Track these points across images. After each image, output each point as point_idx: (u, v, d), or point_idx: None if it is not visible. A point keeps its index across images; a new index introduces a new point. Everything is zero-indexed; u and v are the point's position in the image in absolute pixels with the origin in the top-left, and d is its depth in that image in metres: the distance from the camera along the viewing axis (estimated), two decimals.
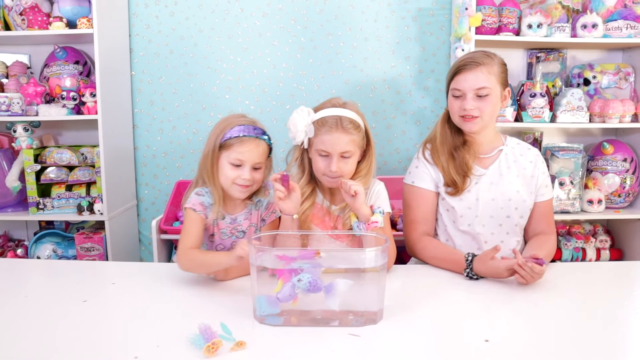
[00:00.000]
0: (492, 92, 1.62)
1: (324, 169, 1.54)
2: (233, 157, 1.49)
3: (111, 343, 1.14)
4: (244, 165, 1.50)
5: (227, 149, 1.50)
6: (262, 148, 1.52)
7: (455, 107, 1.66)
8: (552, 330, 1.18)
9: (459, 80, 1.64)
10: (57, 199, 2.52)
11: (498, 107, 1.68)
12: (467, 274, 1.50)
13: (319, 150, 1.54)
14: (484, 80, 1.61)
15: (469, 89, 1.61)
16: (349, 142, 1.53)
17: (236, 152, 1.49)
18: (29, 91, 2.44)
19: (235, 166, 1.50)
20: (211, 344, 1.08)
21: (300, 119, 1.53)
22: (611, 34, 2.42)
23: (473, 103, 1.61)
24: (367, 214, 1.50)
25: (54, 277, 1.63)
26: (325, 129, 1.52)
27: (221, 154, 1.51)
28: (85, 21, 2.37)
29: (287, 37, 2.68)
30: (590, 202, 2.48)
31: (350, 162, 1.56)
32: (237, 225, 1.60)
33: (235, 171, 1.50)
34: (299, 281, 1.17)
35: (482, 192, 1.68)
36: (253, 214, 1.63)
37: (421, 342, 1.14)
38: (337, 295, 1.18)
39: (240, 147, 1.49)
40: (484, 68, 1.61)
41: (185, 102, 2.74)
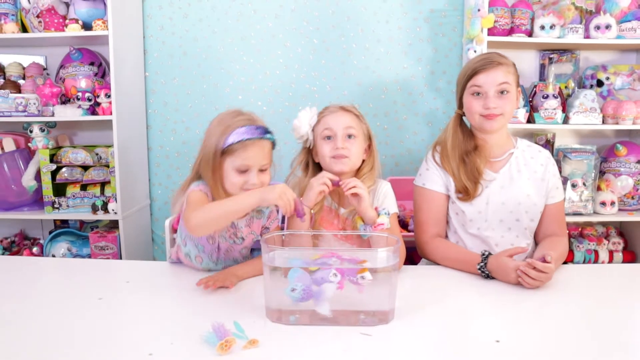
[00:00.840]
0: (511, 89, 1.65)
1: (329, 150, 1.57)
2: (239, 164, 1.40)
3: (126, 340, 1.16)
4: (250, 170, 1.42)
5: (231, 155, 1.40)
6: (266, 148, 1.45)
7: (476, 106, 1.66)
8: (563, 332, 1.18)
9: (479, 79, 1.65)
10: (72, 198, 2.55)
11: (515, 107, 1.70)
12: (479, 268, 1.51)
13: (323, 132, 1.58)
14: (504, 76, 1.64)
15: (491, 84, 1.63)
16: (351, 119, 1.58)
17: (241, 157, 1.40)
18: (45, 92, 2.47)
19: (241, 172, 1.42)
20: (224, 342, 1.09)
21: (304, 114, 1.60)
22: (625, 35, 2.40)
23: (496, 101, 1.63)
24: (373, 216, 1.52)
25: (69, 275, 1.65)
26: (328, 111, 1.61)
27: (224, 159, 1.41)
28: (101, 23, 2.40)
29: (300, 38, 2.70)
30: (603, 204, 2.47)
31: (356, 143, 1.58)
32: (236, 231, 1.55)
33: (242, 177, 1.42)
34: (293, 290, 1.18)
35: (492, 196, 1.68)
36: (254, 222, 1.57)
37: (432, 341, 1.15)
38: (325, 300, 1.19)
39: (244, 152, 1.40)
40: (504, 67, 1.65)
41: (198, 103, 2.76)
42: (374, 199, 1.62)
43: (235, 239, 1.55)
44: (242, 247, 1.58)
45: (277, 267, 1.22)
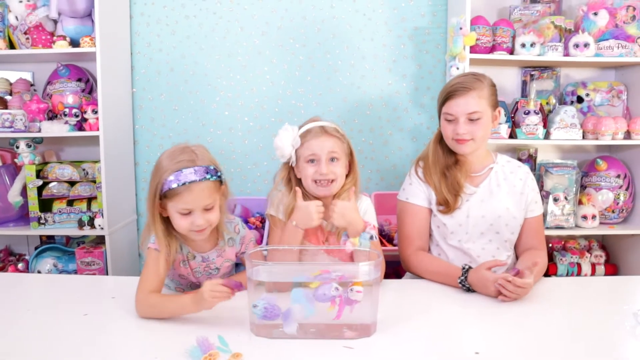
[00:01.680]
0: (483, 115, 1.67)
1: (313, 173, 1.58)
2: (180, 207, 1.37)
3: (111, 355, 1.16)
4: (193, 212, 1.38)
5: (171, 199, 1.37)
6: (209, 188, 1.39)
7: (448, 131, 1.71)
8: (542, 344, 1.21)
9: (450, 106, 1.69)
10: (58, 213, 2.54)
11: (489, 129, 1.73)
12: (460, 281, 1.53)
13: (307, 156, 1.59)
14: (475, 105, 1.66)
15: (461, 113, 1.66)
16: (334, 143, 1.59)
17: (182, 201, 1.36)
18: (32, 108, 2.48)
19: (184, 215, 1.39)
20: (208, 356, 1.11)
21: (286, 135, 1.59)
22: (603, 53, 2.47)
23: (465, 127, 1.66)
24: (360, 229, 1.55)
25: (54, 291, 1.65)
26: (311, 135, 1.59)
27: (166, 203, 1.39)
28: (88, 40, 2.42)
29: (286, 55, 2.74)
30: (585, 218, 2.51)
31: (339, 166, 1.60)
32: (209, 264, 1.55)
33: (186, 219, 1.39)
34: (255, 307, 1.21)
35: (472, 209, 1.72)
36: (226, 251, 1.57)
37: (413, 354, 1.17)
38: (294, 320, 1.21)
39: (183, 196, 1.36)
40: (474, 93, 1.66)
41: (185, 119, 2.78)
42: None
43: (210, 270, 1.56)
44: (220, 275, 1.59)
45: (261, 282, 1.24)
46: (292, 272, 1.32)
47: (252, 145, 2.79)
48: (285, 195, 1.65)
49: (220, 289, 1.27)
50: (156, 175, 1.39)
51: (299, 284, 1.22)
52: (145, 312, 1.36)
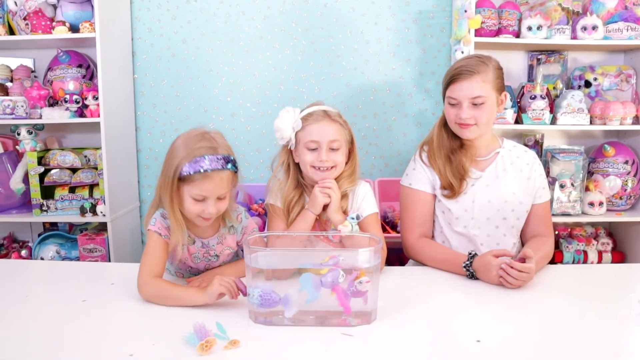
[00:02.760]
0: (487, 100, 1.63)
1: (313, 160, 1.56)
2: (195, 193, 1.36)
3: (108, 341, 1.15)
4: (207, 200, 1.37)
5: (188, 184, 1.35)
6: (226, 178, 1.38)
7: (452, 115, 1.67)
8: (545, 332, 1.18)
9: (454, 89, 1.65)
10: (60, 200, 2.54)
11: (494, 114, 1.69)
12: (464, 266, 1.51)
13: (308, 142, 1.56)
14: (479, 89, 1.62)
15: (464, 97, 1.63)
16: (336, 130, 1.56)
17: (198, 188, 1.35)
18: (33, 94, 2.46)
19: (198, 201, 1.37)
20: (205, 342, 1.09)
21: (287, 116, 1.57)
22: (611, 36, 2.42)
23: (469, 112, 1.63)
24: (338, 220, 1.54)
25: (54, 277, 1.64)
26: (313, 119, 1.56)
27: (181, 186, 1.37)
28: (88, 25, 2.40)
29: (288, 40, 2.70)
30: (591, 205, 2.47)
31: (340, 154, 1.58)
32: (209, 249, 1.52)
33: (198, 205, 1.38)
34: (251, 296, 1.20)
35: (478, 194, 1.68)
36: (227, 238, 1.54)
37: (413, 342, 1.15)
38: (294, 305, 1.19)
39: (201, 183, 1.35)
40: (479, 77, 1.62)
41: (187, 105, 2.76)
42: (352, 200, 1.62)
43: (210, 257, 1.54)
44: (219, 263, 1.56)
45: (261, 270, 1.22)
46: (294, 258, 1.30)
47: (254, 131, 2.77)
48: (283, 184, 1.63)
49: (231, 282, 1.29)
50: (174, 158, 1.37)
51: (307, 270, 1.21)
52: (149, 296, 1.35)
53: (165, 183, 1.38)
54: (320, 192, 1.55)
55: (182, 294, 1.35)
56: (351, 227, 1.50)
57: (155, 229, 1.43)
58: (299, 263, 1.25)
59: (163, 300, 1.34)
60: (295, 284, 1.18)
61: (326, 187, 1.55)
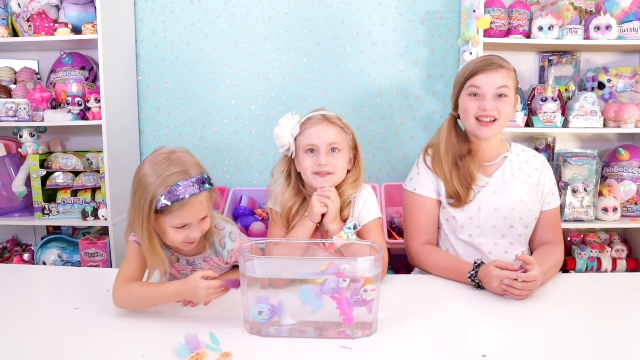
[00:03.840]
0: (510, 93, 1.60)
1: (312, 165, 1.50)
2: (177, 222, 1.29)
3: (95, 351, 1.12)
4: (190, 225, 1.31)
5: (166, 215, 1.27)
6: (204, 200, 1.31)
7: (473, 107, 1.61)
8: (553, 347, 1.12)
9: (478, 79, 1.60)
10: (62, 204, 2.51)
11: (512, 112, 1.65)
12: (469, 276, 1.45)
13: (306, 146, 1.51)
14: (504, 80, 1.59)
15: (490, 86, 1.58)
16: (335, 133, 1.51)
17: (178, 217, 1.28)
18: (35, 97, 2.44)
19: (180, 227, 1.30)
20: (195, 355, 1.05)
21: (285, 123, 1.53)
22: (626, 36, 2.34)
23: (493, 103, 1.58)
24: (335, 230, 1.49)
25: (50, 283, 1.62)
26: (311, 123, 1.52)
27: (159, 217, 1.28)
28: (90, 27, 2.37)
29: (293, 41, 2.66)
30: (605, 210, 2.39)
31: (340, 157, 1.52)
32: (195, 267, 1.46)
33: (181, 232, 1.31)
34: (260, 313, 1.16)
35: (484, 201, 1.62)
36: (214, 259, 1.48)
37: (414, 356, 1.09)
38: (286, 311, 1.16)
39: (181, 212, 1.27)
40: (504, 71, 1.60)
41: (191, 108, 2.72)
42: (354, 205, 1.57)
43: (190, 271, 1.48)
44: None
45: (256, 279, 1.18)
46: (290, 267, 1.26)
47: (259, 134, 2.72)
48: (284, 189, 1.58)
49: (215, 286, 1.23)
50: (145, 189, 1.27)
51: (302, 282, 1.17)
52: (123, 301, 1.30)
53: (138, 216, 1.29)
54: (318, 200, 1.49)
55: (157, 295, 1.29)
56: (347, 237, 1.44)
57: (135, 239, 1.37)
58: (297, 272, 1.21)
59: (140, 301, 1.30)
60: (291, 292, 1.15)
61: (324, 195, 1.49)
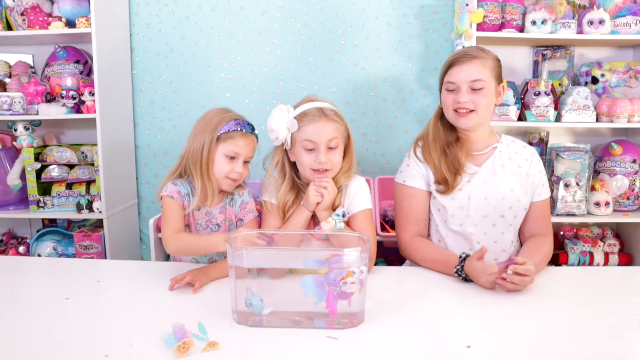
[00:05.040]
0: (486, 85, 1.59)
1: (311, 162, 1.52)
2: (230, 150, 1.51)
3: (84, 341, 1.12)
4: (238, 159, 1.53)
5: (224, 142, 1.52)
6: (254, 143, 1.58)
7: (449, 100, 1.62)
8: (539, 339, 1.13)
9: (452, 73, 1.61)
10: (57, 197, 2.52)
11: (493, 102, 1.65)
12: (456, 271, 1.46)
13: (305, 143, 1.51)
14: (478, 72, 1.58)
15: (463, 81, 1.59)
16: (334, 130, 1.51)
17: (234, 145, 1.52)
18: (30, 90, 2.45)
19: (229, 159, 1.52)
20: (182, 344, 1.06)
21: (280, 116, 1.52)
22: (619, 30, 2.34)
23: (467, 96, 1.59)
24: (324, 218, 1.53)
25: (42, 274, 1.63)
26: (308, 119, 1.51)
27: (217, 146, 1.52)
28: (84, 20, 2.37)
29: (287, 35, 2.66)
30: (597, 205, 2.40)
31: (338, 153, 1.54)
32: (211, 218, 1.60)
33: (229, 164, 1.52)
34: (250, 305, 1.17)
35: (474, 190, 1.63)
36: (227, 210, 1.63)
37: (400, 347, 1.10)
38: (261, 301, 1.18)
39: (237, 140, 1.52)
40: (478, 61, 1.59)
41: (185, 101, 2.73)
42: (344, 195, 1.58)
43: (212, 226, 1.61)
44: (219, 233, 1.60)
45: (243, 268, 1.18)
46: (286, 257, 1.27)
47: None
48: (279, 183, 1.59)
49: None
50: (210, 120, 1.54)
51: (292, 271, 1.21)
52: (175, 247, 1.52)
53: (198, 149, 1.51)
54: (315, 190, 1.51)
55: (207, 243, 1.48)
56: (334, 224, 1.45)
57: (167, 194, 1.55)
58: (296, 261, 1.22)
59: (189, 248, 1.53)
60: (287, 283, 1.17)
61: (322, 185, 1.51)
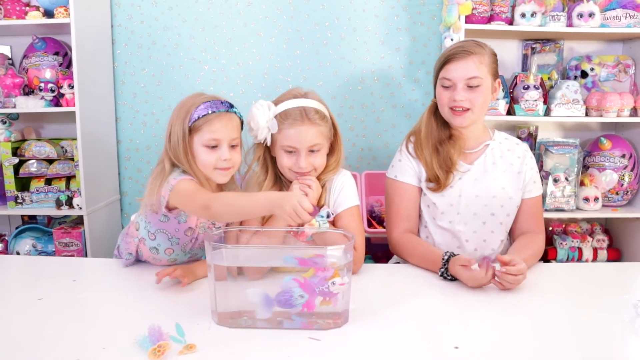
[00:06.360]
0: (483, 82, 1.55)
1: (291, 165, 1.45)
2: (207, 138, 1.37)
3: (55, 344, 1.07)
4: (220, 145, 1.38)
5: (198, 131, 1.37)
6: (235, 122, 1.42)
7: (445, 98, 1.58)
8: (528, 338, 1.09)
9: (449, 70, 1.56)
10: (35, 192, 2.45)
11: (489, 99, 1.61)
12: (441, 274, 1.42)
13: (285, 146, 1.43)
14: (475, 70, 1.53)
15: (460, 78, 1.54)
16: (316, 134, 1.43)
17: (209, 131, 1.36)
18: (7, 82, 2.37)
19: (211, 148, 1.38)
20: (157, 347, 1.01)
21: (260, 115, 1.41)
22: (609, 24, 2.32)
23: (464, 94, 1.54)
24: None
25: (16, 274, 1.57)
26: (289, 122, 1.41)
27: (192, 139, 1.38)
28: (63, 10, 2.30)
29: (273, 27, 2.60)
30: (586, 200, 2.38)
31: (320, 156, 1.46)
32: None
33: (212, 154, 1.38)
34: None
35: (465, 188, 1.59)
36: None
37: (385, 348, 1.06)
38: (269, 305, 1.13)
39: (211, 125, 1.36)
40: (475, 57, 1.54)
41: (168, 95, 2.66)
42: (329, 192, 1.52)
43: (214, 227, 1.50)
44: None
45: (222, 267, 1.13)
46: (268, 256, 1.23)
47: None
48: (261, 179, 1.53)
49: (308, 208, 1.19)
50: (180, 111, 1.39)
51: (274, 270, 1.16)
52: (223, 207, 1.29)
53: (176, 147, 1.38)
54: (299, 188, 1.44)
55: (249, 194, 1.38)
56: (318, 226, 1.39)
57: (182, 177, 1.37)
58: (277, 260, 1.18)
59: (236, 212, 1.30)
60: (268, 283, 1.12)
61: (305, 184, 1.45)
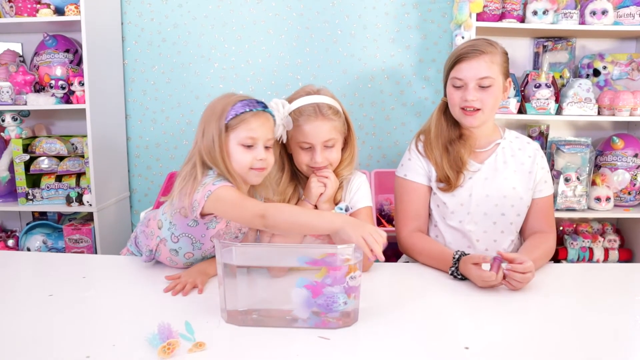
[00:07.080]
0: (494, 82, 1.53)
1: (308, 161, 1.47)
2: (243, 137, 1.32)
3: (65, 340, 1.07)
4: (256, 144, 1.34)
5: (234, 130, 1.33)
6: (270, 122, 1.38)
7: (456, 98, 1.56)
8: (539, 340, 1.08)
9: (460, 69, 1.54)
10: (46, 189, 2.47)
11: (500, 99, 1.59)
12: (451, 272, 1.41)
13: (300, 142, 1.45)
14: (487, 69, 1.51)
15: (471, 78, 1.52)
16: (330, 129, 1.45)
17: (246, 129, 1.32)
18: (18, 80, 2.39)
19: (246, 147, 1.34)
20: (167, 345, 1.01)
21: (275, 113, 1.43)
22: (622, 21, 2.29)
23: (475, 94, 1.52)
24: (325, 210, 1.47)
25: (27, 270, 1.57)
26: (304, 119, 1.44)
27: (228, 137, 1.33)
28: (74, 8, 2.31)
29: (283, 24, 2.60)
30: (598, 200, 2.36)
31: (335, 151, 1.48)
32: (242, 225, 1.47)
33: (248, 153, 1.34)
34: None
35: (475, 188, 1.58)
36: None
37: (395, 348, 1.05)
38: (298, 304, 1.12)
39: (248, 123, 1.32)
40: (487, 57, 1.52)
41: (178, 92, 2.67)
42: (346, 190, 1.54)
43: (239, 234, 1.49)
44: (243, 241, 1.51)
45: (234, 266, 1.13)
46: (278, 254, 1.22)
47: None
48: (278, 177, 1.53)
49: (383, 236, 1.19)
50: (215, 110, 1.35)
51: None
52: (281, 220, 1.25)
53: (211, 145, 1.33)
54: (317, 181, 1.47)
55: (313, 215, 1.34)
56: None
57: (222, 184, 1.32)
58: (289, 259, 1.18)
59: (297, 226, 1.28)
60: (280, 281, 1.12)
61: (323, 176, 1.47)
